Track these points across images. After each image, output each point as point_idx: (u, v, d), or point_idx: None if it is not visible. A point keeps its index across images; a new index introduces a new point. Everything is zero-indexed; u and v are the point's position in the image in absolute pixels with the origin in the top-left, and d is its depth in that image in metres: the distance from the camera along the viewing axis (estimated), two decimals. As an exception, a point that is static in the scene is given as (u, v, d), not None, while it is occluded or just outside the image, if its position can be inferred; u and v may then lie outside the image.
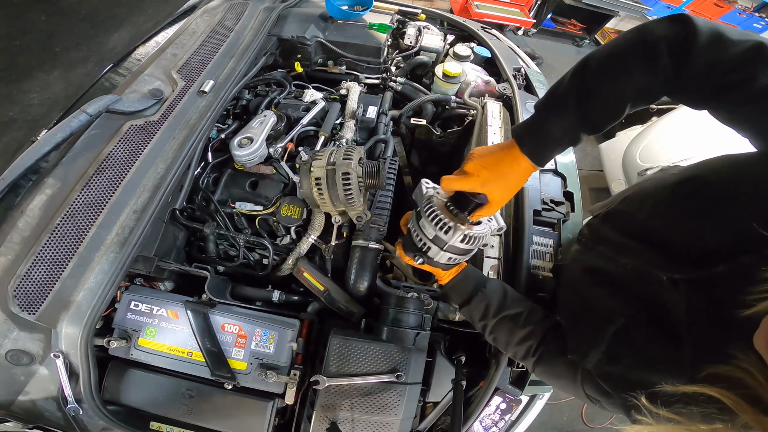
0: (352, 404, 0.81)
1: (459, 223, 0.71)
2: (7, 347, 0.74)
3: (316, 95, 1.30)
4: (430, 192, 0.79)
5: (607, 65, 0.55)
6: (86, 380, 0.77)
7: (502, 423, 0.97)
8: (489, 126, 1.25)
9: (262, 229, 1.11)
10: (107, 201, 0.86)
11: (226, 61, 1.20)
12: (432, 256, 0.77)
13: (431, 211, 0.74)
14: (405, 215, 0.89)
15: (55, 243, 0.80)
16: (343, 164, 0.90)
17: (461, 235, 0.71)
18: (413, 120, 1.46)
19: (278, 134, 1.16)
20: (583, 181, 1.26)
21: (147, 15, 1.12)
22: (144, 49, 1.45)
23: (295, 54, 1.46)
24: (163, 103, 1.04)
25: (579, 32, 4.56)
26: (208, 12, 1.38)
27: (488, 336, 0.81)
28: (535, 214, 1.04)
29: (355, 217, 1.01)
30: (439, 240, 0.73)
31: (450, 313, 1.00)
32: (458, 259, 0.78)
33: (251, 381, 0.86)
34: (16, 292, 0.75)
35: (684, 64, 0.48)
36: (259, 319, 0.89)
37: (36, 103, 0.88)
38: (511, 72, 1.48)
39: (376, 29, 1.52)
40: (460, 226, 0.71)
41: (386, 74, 1.50)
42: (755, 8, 4.40)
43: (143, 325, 0.87)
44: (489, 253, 1.00)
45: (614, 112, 0.56)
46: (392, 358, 0.84)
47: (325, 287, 0.99)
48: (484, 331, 0.81)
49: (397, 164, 1.21)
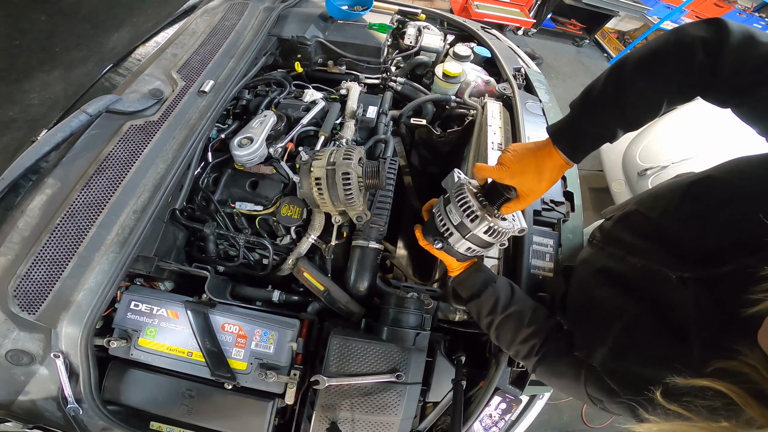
0: (352, 404, 0.81)
1: (487, 214, 0.72)
2: (7, 347, 0.74)
3: (316, 95, 1.30)
4: (462, 180, 0.79)
5: (645, 62, 0.56)
6: (86, 380, 0.77)
7: (502, 423, 0.97)
8: (489, 126, 1.26)
9: (262, 229, 1.11)
10: (107, 201, 0.86)
11: (226, 61, 1.20)
12: (452, 243, 0.78)
13: (462, 198, 0.75)
14: (429, 202, 0.89)
15: (55, 243, 0.80)
16: (343, 164, 0.90)
17: (486, 226, 0.72)
18: (413, 120, 1.46)
19: (278, 134, 1.16)
20: (583, 181, 1.26)
21: (147, 15, 1.12)
22: (144, 49, 1.45)
23: (295, 54, 1.46)
24: (163, 103, 1.04)
25: (579, 32, 4.56)
26: (208, 12, 1.38)
27: (492, 333, 0.81)
28: (535, 214, 1.04)
29: (355, 217, 1.01)
30: (464, 227, 0.74)
31: (450, 313, 1.00)
32: (476, 251, 0.79)
33: (251, 381, 0.86)
34: (16, 292, 0.75)
35: (717, 62, 0.50)
36: (259, 319, 0.89)
37: (36, 103, 0.88)
38: (511, 72, 1.48)
39: (376, 29, 1.52)
40: (487, 217, 0.72)
41: (386, 74, 1.51)
42: (755, 8, 4.40)
43: (143, 325, 0.87)
44: (489, 253, 1.00)
45: (651, 107, 0.57)
46: (392, 358, 0.84)
47: (325, 287, 0.99)
48: (490, 328, 0.81)
49: (397, 164, 1.21)
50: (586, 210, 1.12)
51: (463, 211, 0.74)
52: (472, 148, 1.32)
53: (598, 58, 4.59)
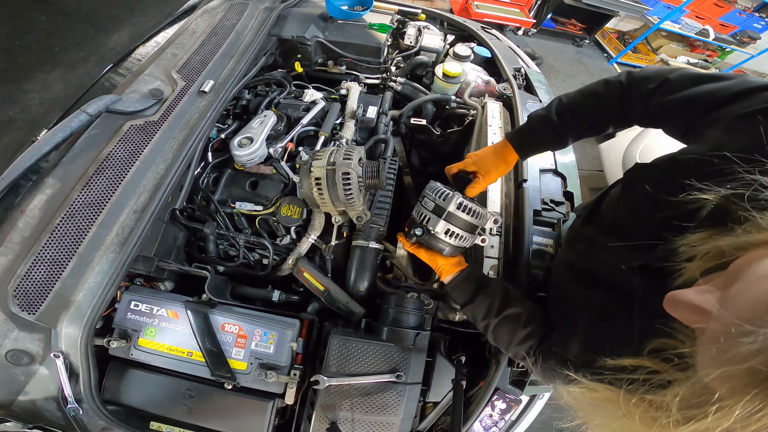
0: (352, 404, 0.81)
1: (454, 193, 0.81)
2: (7, 347, 0.74)
3: (316, 95, 1.30)
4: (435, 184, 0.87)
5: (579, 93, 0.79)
6: (86, 380, 0.77)
7: (502, 423, 0.97)
8: (489, 126, 1.26)
9: (262, 229, 1.11)
10: (107, 201, 0.86)
11: (226, 61, 1.20)
12: (432, 228, 0.82)
13: (433, 187, 0.85)
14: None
15: (55, 243, 0.80)
16: (343, 164, 0.90)
17: (457, 201, 0.80)
18: (413, 120, 1.46)
19: (278, 134, 1.16)
20: (583, 181, 1.26)
21: (147, 15, 1.13)
22: (144, 49, 1.45)
23: (295, 54, 1.46)
24: (163, 103, 1.04)
25: (579, 32, 4.55)
26: (208, 12, 1.38)
27: (490, 335, 0.81)
28: (535, 214, 1.04)
29: (355, 217, 1.01)
30: (438, 208, 0.82)
31: (450, 313, 1.00)
32: (458, 234, 0.82)
33: (251, 381, 0.86)
34: (16, 292, 0.75)
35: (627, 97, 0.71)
36: (259, 319, 0.89)
37: (36, 103, 0.88)
38: (511, 72, 1.48)
39: (376, 29, 1.52)
40: (457, 193, 0.82)
41: (386, 74, 1.51)
42: (755, 8, 4.40)
43: (143, 325, 0.87)
44: (489, 253, 1.00)
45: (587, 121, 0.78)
46: (392, 358, 0.84)
47: (325, 287, 0.99)
48: (486, 331, 0.81)
49: (397, 164, 1.21)
50: (581, 210, 1.12)
51: (434, 194, 0.83)
52: (472, 148, 1.32)
53: (598, 58, 4.59)
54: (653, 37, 4.57)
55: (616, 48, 4.57)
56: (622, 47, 4.52)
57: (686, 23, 4.25)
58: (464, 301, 0.84)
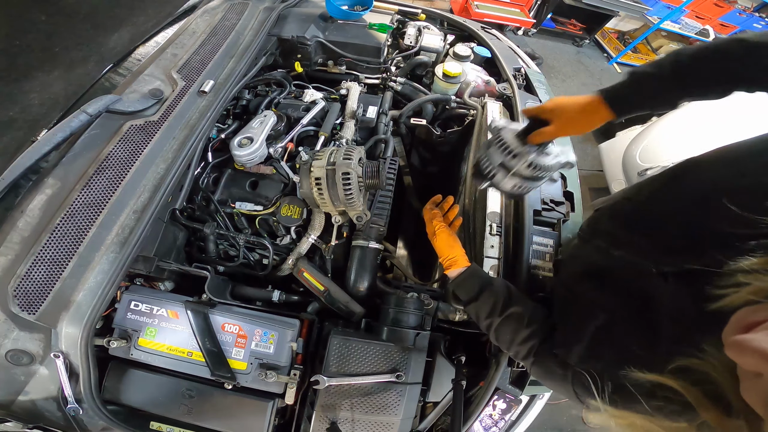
0: (352, 404, 0.81)
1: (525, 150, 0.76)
2: (7, 347, 0.74)
3: (316, 95, 1.30)
4: (498, 124, 0.83)
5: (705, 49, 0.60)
6: (86, 380, 0.77)
7: (502, 423, 0.97)
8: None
9: (262, 229, 1.11)
10: (107, 201, 0.86)
11: (226, 61, 1.20)
12: (497, 182, 0.81)
13: (499, 139, 0.80)
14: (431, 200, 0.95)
15: (55, 243, 0.80)
16: (343, 164, 0.90)
17: (526, 160, 0.76)
18: (413, 120, 1.45)
19: (278, 134, 1.16)
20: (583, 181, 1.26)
21: (147, 15, 1.13)
22: (144, 49, 1.45)
23: (295, 54, 1.46)
24: (163, 103, 1.04)
25: (579, 32, 4.55)
26: (208, 12, 1.38)
27: (492, 334, 0.81)
28: (535, 214, 1.04)
29: (355, 217, 1.01)
30: (505, 166, 0.79)
31: (450, 313, 1.00)
32: (523, 186, 0.81)
33: (251, 381, 0.86)
34: (16, 292, 0.75)
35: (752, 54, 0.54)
36: (259, 319, 0.89)
37: (36, 103, 0.88)
38: (511, 72, 1.48)
39: (376, 29, 1.52)
40: (525, 151, 0.76)
41: (386, 74, 1.50)
42: (755, 8, 4.39)
43: (143, 325, 0.87)
44: (489, 253, 1.00)
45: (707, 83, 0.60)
46: (392, 358, 0.84)
47: (325, 287, 0.99)
48: (489, 329, 0.81)
49: (397, 164, 1.21)
50: (586, 210, 1.12)
51: (502, 151, 0.78)
52: (472, 148, 1.32)
53: (598, 58, 4.59)
54: (653, 37, 4.57)
55: (616, 48, 4.57)
56: (622, 47, 4.52)
57: (686, 23, 4.25)
58: (469, 299, 0.84)
